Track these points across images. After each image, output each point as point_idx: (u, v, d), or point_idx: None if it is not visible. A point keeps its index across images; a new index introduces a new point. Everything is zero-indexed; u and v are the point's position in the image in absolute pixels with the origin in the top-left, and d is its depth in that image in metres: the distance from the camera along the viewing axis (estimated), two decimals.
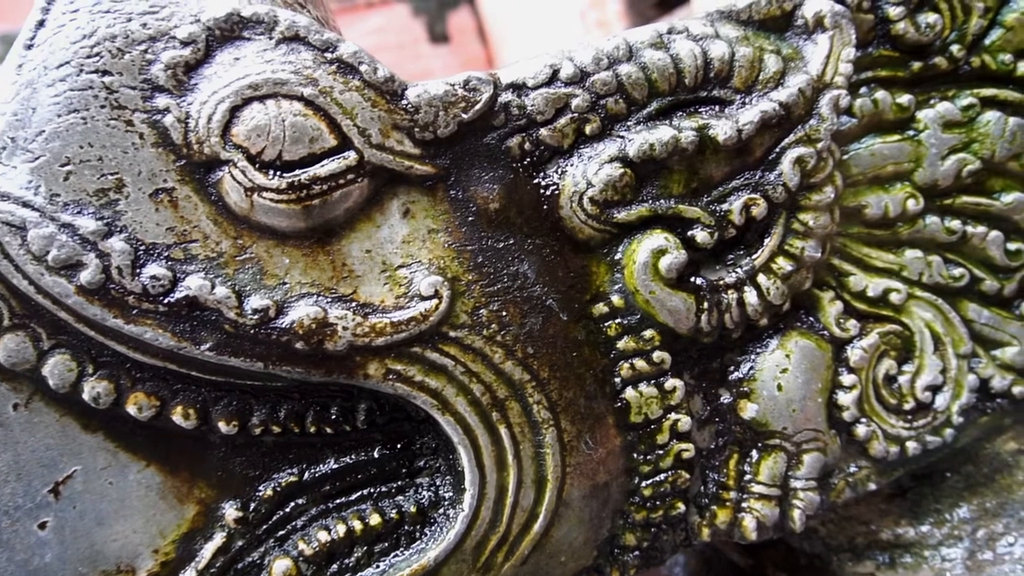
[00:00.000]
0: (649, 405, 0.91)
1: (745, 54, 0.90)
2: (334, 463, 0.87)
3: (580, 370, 0.89)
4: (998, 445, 1.08)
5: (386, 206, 0.83)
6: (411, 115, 0.82)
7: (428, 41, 8.18)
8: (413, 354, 0.82)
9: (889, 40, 0.98)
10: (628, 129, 0.88)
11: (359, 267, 0.82)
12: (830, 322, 0.98)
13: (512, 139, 0.86)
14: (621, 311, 0.90)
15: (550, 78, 0.86)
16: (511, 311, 0.86)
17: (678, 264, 0.88)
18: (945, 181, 1.00)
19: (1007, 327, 1.05)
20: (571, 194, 0.87)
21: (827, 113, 0.92)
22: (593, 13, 5.62)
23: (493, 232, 0.86)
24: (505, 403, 0.85)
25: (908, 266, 1.01)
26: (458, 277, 0.84)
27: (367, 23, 8.08)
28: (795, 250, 0.93)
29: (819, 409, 0.97)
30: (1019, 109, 1.02)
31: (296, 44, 0.79)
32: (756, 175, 0.92)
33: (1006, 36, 1.01)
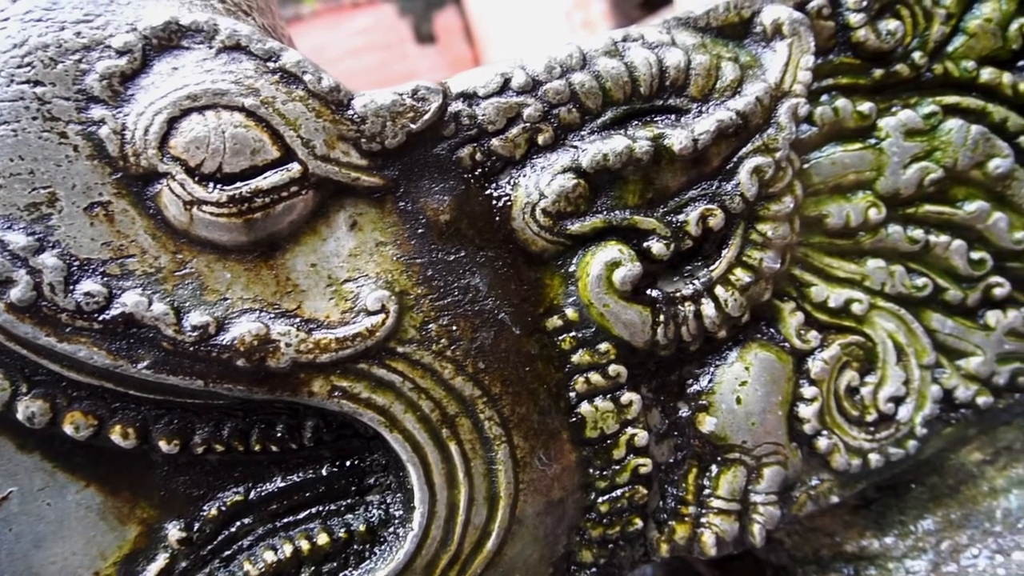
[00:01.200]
0: (605, 420, 0.89)
1: (702, 62, 0.88)
2: (281, 481, 0.85)
3: (533, 385, 0.87)
4: (963, 456, 1.07)
5: (332, 219, 0.81)
6: (358, 126, 0.80)
7: (414, 41, 8.16)
8: (359, 370, 0.80)
9: (850, 47, 0.97)
10: (582, 139, 0.87)
11: (304, 281, 0.80)
12: (791, 333, 0.97)
13: (463, 149, 0.85)
14: (575, 324, 0.88)
15: (501, 87, 0.85)
16: (462, 325, 0.84)
17: (632, 276, 0.86)
18: (907, 190, 0.99)
19: (971, 337, 1.03)
20: (523, 205, 0.85)
21: (785, 122, 0.90)
22: (578, 14, 5.61)
23: (444, 244, 0.84)
24: (455, 419, 0.83)
25: (870, 276, 0.99)
26: (407, 291, 0.82)
27: (353, 23, 8.05)
28: (753, 261, 0.91)
29: (779, 422, 0.95)
30: (982, 117, 1.00)
31: (237, 53, 0.77)
32: (713, 185, 0.90)
33: (969, 43, 1.00)
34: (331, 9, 7.96)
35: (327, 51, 7.97)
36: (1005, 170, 1.00)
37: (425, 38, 8.18)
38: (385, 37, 8.11)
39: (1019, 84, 1.01)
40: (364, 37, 8.09)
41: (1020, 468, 1.07)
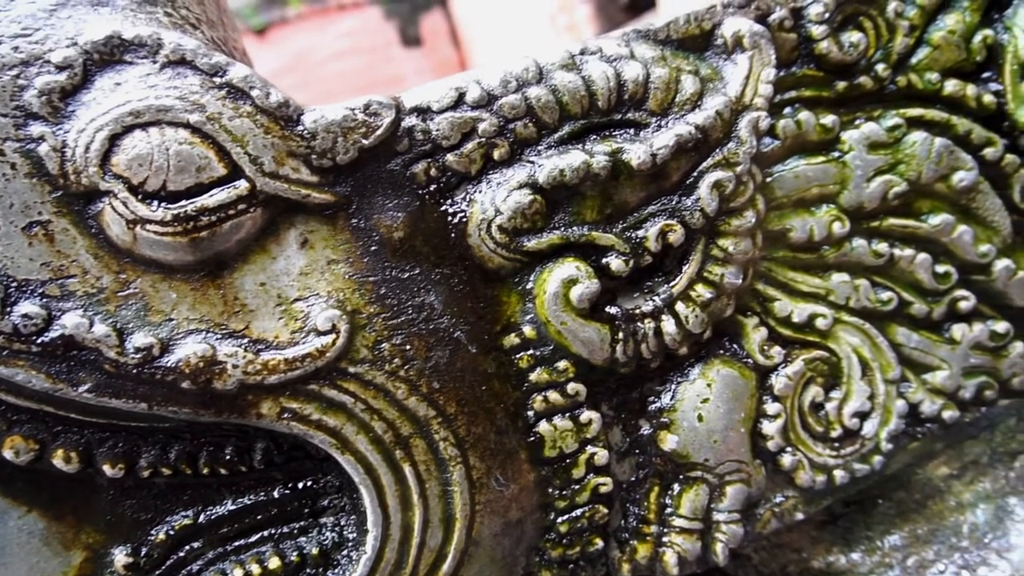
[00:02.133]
0: (564, 439, 0.88)
1: (661, 75, 0.87)
2: (232, 504, 0.83)
3: (490, 404, 0.86)
4: (929, 471, 1.06)
5: (283, 236, 0.80)
6: (308, 141, 0.78)
7: (400, 44, 8.13)
8: (310, 392, 0.78)
9: (813, 59, 0.96)
10: (539, 154, 0.85)
11: (252, 301, 0.78)
12: (754, 349, 0.95)
13: (417, 165, 0.83)
14: (533, 342, 0.87)
15: (456, 101, 0.83)
16: (416, 344, 0.82)
17: (590, 294, 0.85)
18: (871, 203, 0.98)
19: (937, 351, 1.02)
20: (479, 222, 0.84)
21: (746, 136, 0.89)
22: (562, 17, 5.60)
23: (397, 262, 0.83)
24: (409, 440, 0.82)
25: (835, 290, 0.98)
26: (359, 310, 0.81)
27: (339, 26, 8.01)
28: (715, 277, 0.90)
29: (742, 439, 0.94)
30: (946, 129, 1.00)
31: (182, 68, 0.75)
32: (673, 200, 0.89)
33: (933, 55, 0.99)
34: (316, 11, 7.93)
35: (313, 54, 7.94)
36: (969, 183, 0.99)
37: (411, 41, 8.15)
38: (371, 40, 8.07)
39: (983, 96, 1.00)
40: (350, 40, 8.06)
41: (987, 482, 1.06)
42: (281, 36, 7.81)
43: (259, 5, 7.58)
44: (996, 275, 1.02)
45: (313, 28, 7.91)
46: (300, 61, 7.91)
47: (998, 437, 1.08)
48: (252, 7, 7.58)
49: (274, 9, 7.66)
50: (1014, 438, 1.09)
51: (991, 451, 1.08)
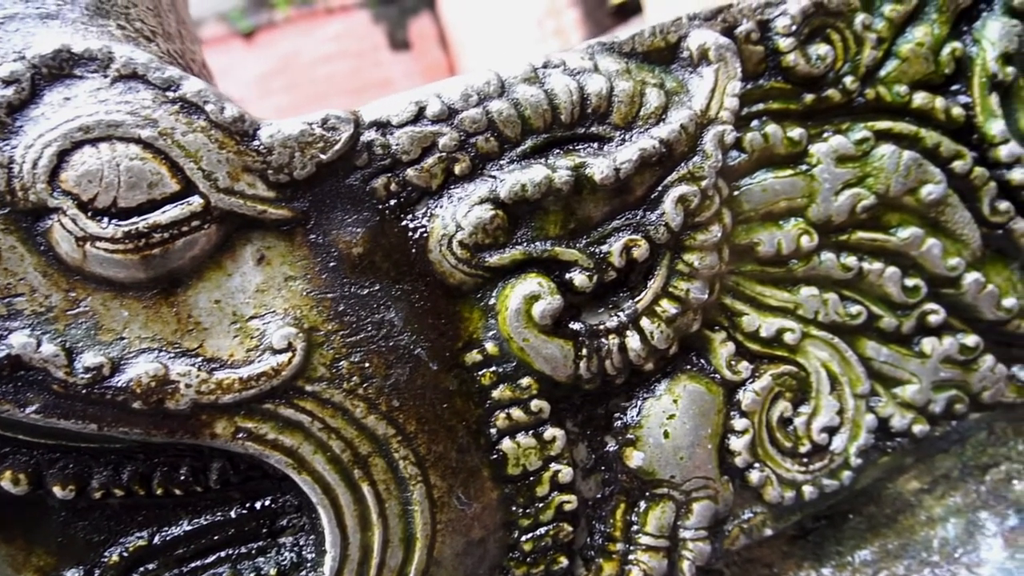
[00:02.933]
0: (527, 456, 0.87)
1: (625, 89, 0.86)
2: (187, 524, 0.82)
3: (451, 422, 0.84)
4: (900, 485, 1.06)
5: (239, 253, 0.78)
6: (264, 156, 0.77)
7: (389, 48, 8.12)
8: (265, 411, 0.77)
9: (780, 72, 0.95)
10: (501, 168, 0.84)
11: (207, 319, 0.77)
12: (721, 365, 0.95)
13: (377, 180, 0.82)
14: (496, 359, 0.86)
15: (416, 116, 0.82)
16: (375, 362, 0.81)
17: (552, 310, 0.84)
18: (840, 217, 0.97)
19: (906, 364, 1.02)
20: (440, 237, 0.83)
21: (711, 150, 0.88)
22: (550, 22, 5.60)
23: (357, 278, 0.82)
24: (368, 459, 0.80)
25: (803, 304, 0.98)
26: (316, 327, 0.79)
27: (327, 30, 8.00)
28: (680, 292, 0.89)
29: (709, 456, 0.93)
30: (915, 142, 0.99)
31: (134, 82, 0.74)
32: (638, 215, 0.88)
33: (901, 67, 0.99)
34: (304, 15, 7.91)
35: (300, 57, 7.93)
36: (938, 196, 0.98)
37: (399, 44, 8.15)
38: (359, 43, 8.07)
39: (952, 109, 1.00)
40: (338, 43, 8.05)
41: (958, 496, 1.06)
42: (269, 39, 7.80)
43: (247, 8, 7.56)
44: (965, 288, 1.01)
45: (301, 31, 7.90)
46: (288, 64, 7.89)
47: (969, 451, 1.08)
48: (240, 10, 7.56)
49: (262, 12, 7.65)
50: (985, 452, 1.08)
51: (962, 465, 1.07)
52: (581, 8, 5.53)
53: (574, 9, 5.59)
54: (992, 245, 1.04)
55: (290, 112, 3.37)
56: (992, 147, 1.01)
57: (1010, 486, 1.06)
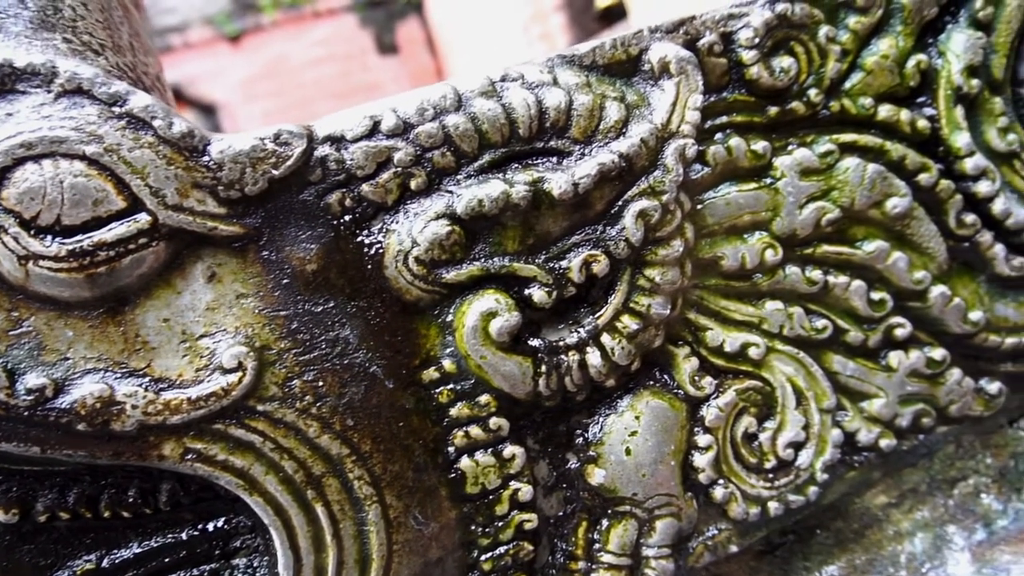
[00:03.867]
0: (486, 475, 0.86)
1: (584, 102, 0.85)
2: (138, 547, 0.80)
3: (408, 441, 0.83)
4: (867, 500, 1.05)
5: (188, 270, 0.77)
6: (214, 172, 0.76)
7: (376, 52, 8.11)
8: (215, 431, 0.76)
9: (744, 84, 0.94)
10: (458, 183, 0.83)
11: (155, 338, 0.75)
12: (684, 380, 0.94)
13: (331, 195, 0.81)
14: (453, 376, 0.85)
15: (370, 130, 0.81)
16: (329, 380, 0.80)
17: (510, 327, 0.83)
18: (804, 230, 0.96)
19: (873, 379, 1.01)
20: (396, 253, 0.82)
21: (672, 164, 0.87)
22: (536, 27, 5.60)
23: (311, 295, 0.80)
24: (322, 480, 0.79)
25: (768, 318, 0.97)
26: (268, 345, 0.78)
27: (314, 33, 7.99)
28: (641, 308, 0.88)
29: (672, 472, 0.92)
30: (880, 155, 0.98)
31: (79, 97, 0.73)
32: (598, 230, 0.87)
33: (866, 79, 0.98)
34: (292, 19, 7.89)
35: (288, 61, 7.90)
36: (903, 209, 0.98)
37: (387, 48, 8.13)
38: (347, 47, 8.05)
39: (917, 121, 0.99)
40: (325, 47, 8.03)
41: (926, 511, 1.05)
42: (256, 43, 7.77)
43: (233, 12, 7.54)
44: (932, 302, 1.00)
45: (288, 35, 7.88)
46: (275, 68, 7.87)
47: (937, 465, 1.07)
48: (226, 14, 7.53)
49: (248, 16, 7.62)
50: (953, 465, 1.07)
51: (930, 479, 1.06)
52: (567, 13, 5.53)
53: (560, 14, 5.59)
54: (959, 258, 1.03)
55: (278, 116, 3.43)
56: (958, 160, 1.00)
57: (978, 500, 1.06)
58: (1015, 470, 1.08)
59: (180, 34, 7.47)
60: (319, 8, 7.93)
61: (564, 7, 5.54)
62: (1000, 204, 1.01)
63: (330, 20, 8.02)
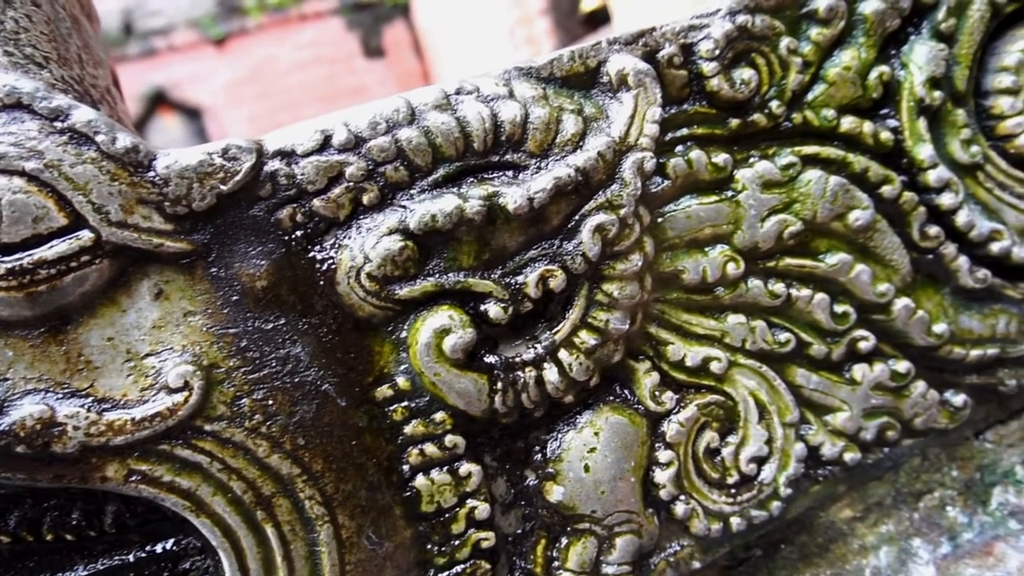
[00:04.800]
0: (442, 493, 0.85)
1: (540, 115, 0.84)
2: (83, 570, 0.79)
3: (361, 459, 0.82)
4: (832, 513, 1.04)
5: (134, 288, 0.76)
6: (160, 188, 0.74)
7: (363, 55, 8.08)
8: (161, 452, 0.74)
9: (705, 96, 0.93)
10: (412, 198, 0.82)
11: (98, 358, 0.74)
12: (645, 395, 0.93)
13: (282, 211, 0.79)
14: (408, 394, 0.83)
15: (322, 144, 0.80)
16: (279, 399, 0.79)
17: (464, 344, 0.82)
18: (766, 243, 0.96)
19: (837, 392, 1.00)
20: (348, 269, 0.80)
21: (630, 178, 0.87)
22: (521, 30, 5.59)
23: (261, 312, 0.79)
24: (272, 500, 0.78)
25: (730, 332, 0.96)
26: (217, 364, 0.77)
27: (300, 37, 7.96)
28: (599, 323, 0.87)
29: (632, 489, 0.91)
30: (843, 167, 0.98)
31: (19, 112, 0.71)
32: (554, 244, 0.86)
33: (828, 91, 0.97)
34: (277, 22, 7.86)
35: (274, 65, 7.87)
36: (865, 222, 0.97)
37: (374, 52, 8.11)
38: (333, 51, 8.03)
39: (880, 133, 0.99)
40: (311, 50, 8.01)
41: (890, 524, 1.04)
42: (241, 46, 7.74)
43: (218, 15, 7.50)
44: (896, 314, 1.00)
45: (274, 38, 7.85)
46: (261, 72, 7.84)
47: (903, 478, 1.06)
48: (211, 17, 7.50)
49: (233, 19, 7.59)
50: (918, 478, 1.07)
51: (895, 492, 1.06)
52: (552, 17, 5.53)
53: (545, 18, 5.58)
54: (923, 270, 1.02)
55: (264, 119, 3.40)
56: (921, 172, 1.00)
57: (943, 513, 1.05)
58: (981, 483, 1.08)
59: (165, 37, 7.43)
60: (305, 11, 7.90)
61: (549, 11, 5.54)
62: (963, 216, 1.00)
63: (316, 23, 7.99)
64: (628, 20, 4.43)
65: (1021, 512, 1.05)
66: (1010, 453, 1.09)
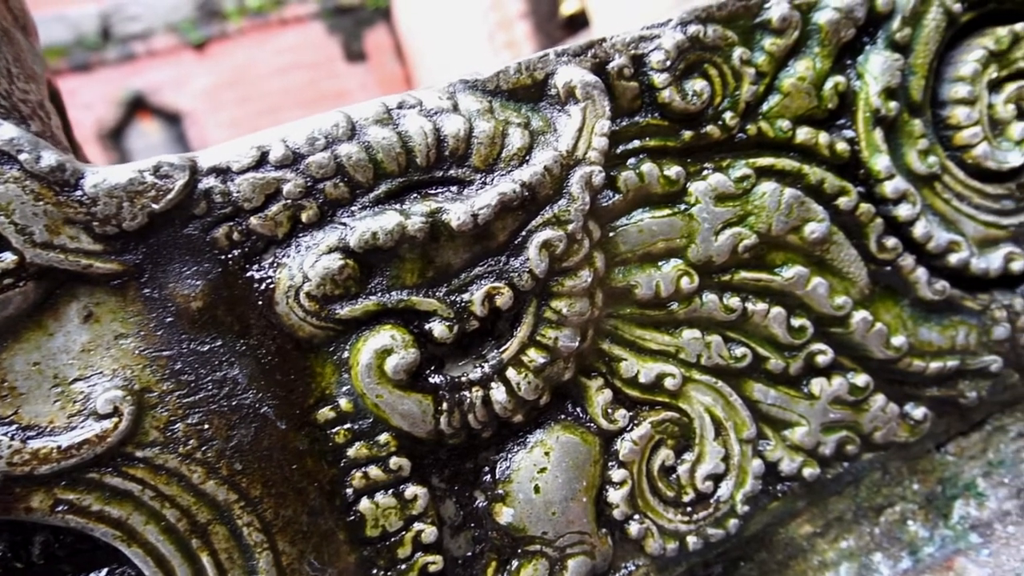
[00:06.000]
0: (387, 516, 0.82)
1: (485, 129, 0.82)
2: None
3: (302, 483, 0.80)
4: (792, 530, 1.03)
5: (62, 311, 0.73)
6: (88, 207, 0.72)
7: (344, 59, 8.05)
8: (89, 480, 0.72)
9: (657, 108, 0.92)
10: (352, 215, 0.80)
11: (23, 383, 0.72)
12: (597, 413, 0.91)
13: (218, 229, 0.77)
14: (350, 415, 0.81)
15: (258, 161, 0.78)
16: (216, 423, 0.76)
17: (406, 364, 0.80)
18: (721, 257, 0.94)
19: (795, 407, 0.99)
20: (287, 289, 0.78)
21: (578, 192, 0.85)
22: (501, 35, 5.58)
23: (197, 334, 0.77)
24: (208, 528, 0.76)
25: (685, 347, 0.94)
26: (149, 388, 0.75)
27: (281, 41, 7.92)
28: (548, 340, 0.85)
29: (584, 509, 0.89)
30: (798, 179, 0.96)
31: None
32: (501, 261, 0.84)
33: (783, 102, 0.96)
34: (258, 26, 7.82)
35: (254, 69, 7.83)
36: (821, 235, 0.95)
37: (355, 56, 8.08)
38: (314, 55, 7.99)
39: (836, 144, 0.97)
40: (293, 55, 7.97)
41: (851, 539, 1.03)
42: (221, 51, 7.69)
43: (197, 19, 7.45)
44: (854, 327, 0.98)
45: (254, 43, 7.80)
46: (241, 76, 7.79)
47: (863, 492, 1.05)
48: (190, 21, 7.45)
49: (213, 24, 7.54)
50: (879, 492, 1.05)
51: (856, 507, 1.04)
52: (532, 21, 5.52)
53: (525, 22, 5.57)
54: (881, 282, 1.01)
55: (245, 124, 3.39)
56: (878, 183, 0.99)
57: (904, 527, 1.04)
58: (942, 496, 1.07)
59: (144, 42, 7.37)
60: (286, 15, 7.86)
61: (529, 15, 5.53)
62: (921, 227, 0.99)
63: (297, 27, 7.95)
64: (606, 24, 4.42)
65: (982, 525, 1.04)
66: (971, 465, 1.08)
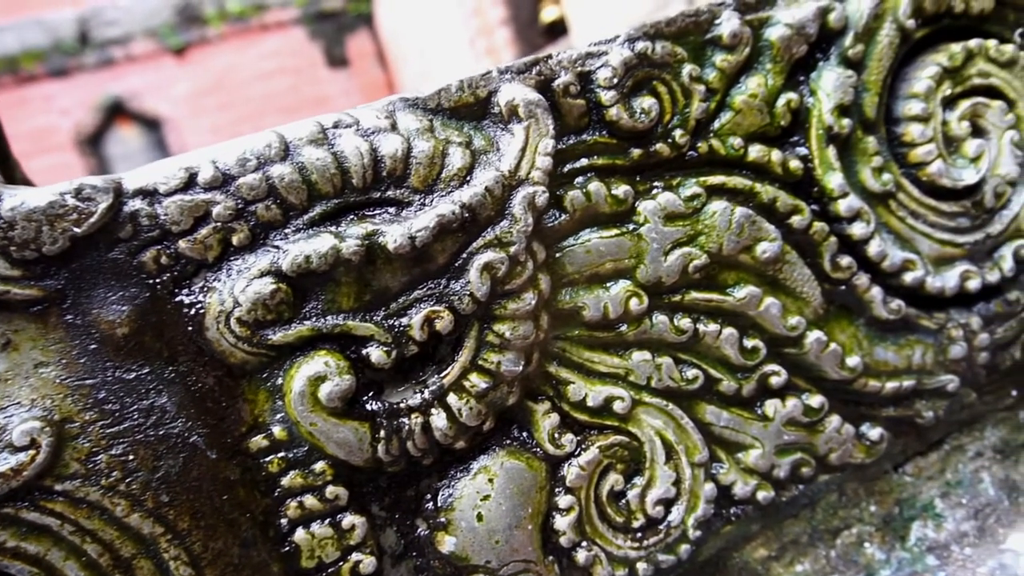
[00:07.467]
0: (323, 547, 0.80)
1: (424, 149, 0.80)
2: None
3: (233, 515, 0.77)
4: (747, 554, 1.01)
5: None
6: (4, 231, 0.70)
7: (326, 65, 8.01)
8: (4, 516, 0.70)
9: (605, 126, 0.90)
10: (286, 238, 0.78)
11: None
12: (543, 438, 0.89)
13: (145, 253, 0.75)
14: (284, 444, 0.79)
15: (186, 183, 0.75)
16: (141, 453, 0.74)
17: (340, 391, 0.77)
18: (671, 277, 0.92)
19: (749, 429, 0.97)
20: (217, 314, 0.76)
21: (520, 213, 0.83)
22: (481, 41, 5.56)
23: (122, 361, 0.74)
24: (132, 563, 0.73)
25: (635, 370, 0.92)
26: (71, 418, 0.72)
27: (262, 46, 7.87)
28: (490, 365, 0.83)
29: (530, 537, 0.87)
30: (750, 197, 0.95)
31: None
32: (441, 284, 0.82)
33: (735, 119, 0.94)
34: (239, 31, 7.77)
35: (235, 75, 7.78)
36: (773, 254, 0.94)
37: (337, 62, 8.04)
38: (296, 61, 7.94)
39: (789, 162, 0.96)
40: (274, 60, 7.92)
41: (807, 563, 1.01)
42: (201, 56, 7.64)
43: (177, 24, 7.40)
44: (808, 348, 0.97)
45: (235, 48, 7.75)
46: (222, 82, 7.74)
47: (819, 514, 1.03)
48: (170, 26, 7.40)
49: (193, 29, 7.49)
50: (836, 515, 1.04)
51: (811, 530, 1.03)
52: (512, 27, 5.50)
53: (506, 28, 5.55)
54: (835, 301, 1.00)
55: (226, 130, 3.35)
56: (832, 201, 0.97)
57: (861, 549, 1.02)
58: (900, 517, 1.05)
59: (123, 47, 7.31)
60: (267, 21, 7.82)
61: (510, 22, 5.51)
62: (875, 246, 0.98)
63: (278, 33, 7.90)
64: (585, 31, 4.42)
65: (939, 547, 1.03)
66: (929, 486, 1.07)
